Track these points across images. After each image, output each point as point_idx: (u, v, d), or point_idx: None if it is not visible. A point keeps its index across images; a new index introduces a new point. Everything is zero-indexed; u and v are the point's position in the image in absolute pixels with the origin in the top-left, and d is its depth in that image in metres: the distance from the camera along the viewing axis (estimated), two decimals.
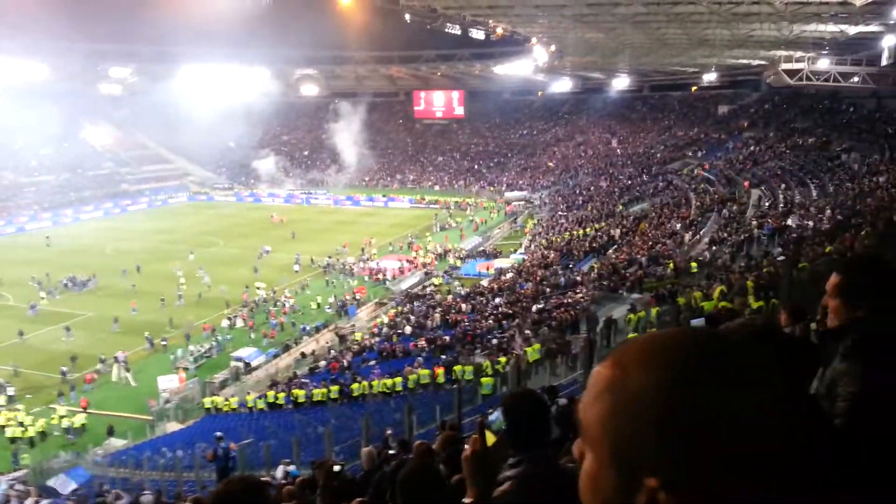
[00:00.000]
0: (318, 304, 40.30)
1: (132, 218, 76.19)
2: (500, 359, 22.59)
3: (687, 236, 34.77)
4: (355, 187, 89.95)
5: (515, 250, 49.69)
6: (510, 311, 28.33)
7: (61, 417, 26.96)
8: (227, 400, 27.51)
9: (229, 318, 37.92)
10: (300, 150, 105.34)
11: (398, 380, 23.81)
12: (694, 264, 25.39)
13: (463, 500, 2.00)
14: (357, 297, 41.19)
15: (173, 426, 26.90)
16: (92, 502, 18.46)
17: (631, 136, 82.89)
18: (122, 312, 39.09)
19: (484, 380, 21.04)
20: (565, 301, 26.38)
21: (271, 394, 26.30)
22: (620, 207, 51.76)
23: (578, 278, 30.42)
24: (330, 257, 50.49)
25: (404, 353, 27.34)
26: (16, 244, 61.33)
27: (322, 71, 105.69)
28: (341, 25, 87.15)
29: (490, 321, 27.98)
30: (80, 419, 27.01)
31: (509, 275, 37.62)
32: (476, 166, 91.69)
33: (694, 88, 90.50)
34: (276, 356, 32.77)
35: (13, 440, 25.71)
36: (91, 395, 29.42)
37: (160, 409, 27.97)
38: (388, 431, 16.32)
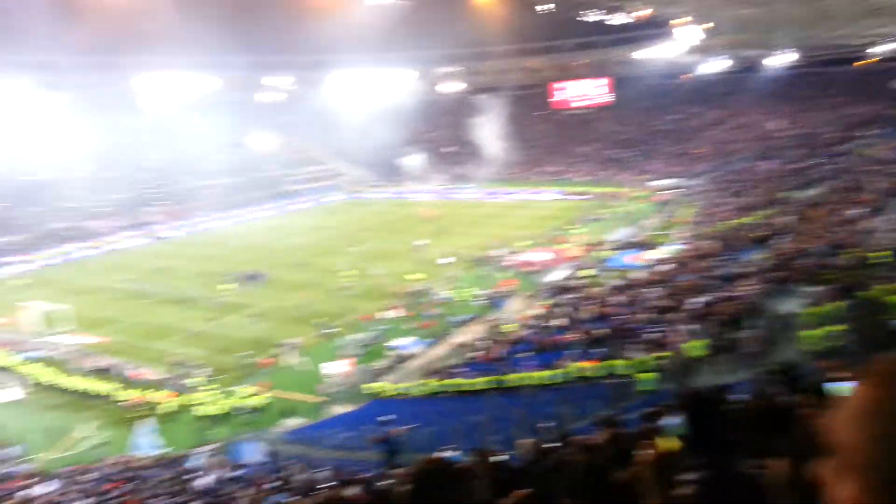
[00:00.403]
0: (470, 296, 41.26)
1: (294, 216, 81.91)
2: (658, 354, 22.00)
3: (866, 223, 31.65)
4: (499, 181, 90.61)
5: (668, 241, 47.78)
6: (668, 305, 27.37)
7: (243, 398, 29.80)
8: (387, 386, 29.00)
9: (388, 309, 39.91)
10: (444, 147, 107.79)
11: (552, 372, 23.90)
12: (885, 253, 23.05)
13: None
14: (506, 290, 41.69)
15: (342, 409, 28.79)
16: (275, 474, 20.29)
17: (794, 116, 76.56)
18: (295, 302, 42.48)
19: (644, 375, 20.58)
20: (729, 294, 25.07)
21: (429, 382, 27.37)
22: (787, 193, 48.05)
23: (743, 270, 28.75)
24: (479, 251, 51.54)
25: (557, 345, 27.32)
26: (194, 242, 68.25)
27: (463, 68, 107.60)
28: (480, 22, 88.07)
29: (646, 314, 27.22)
30: (259, 400, 29.71)
31: (665, 266, 36.30)
32: (622, 155, 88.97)
33: (863, 62, 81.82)
34: (431, 346, 34.01)
35: (202, 418, 28.76)
36: (269, 377, 32.21)
37: (329, 393, 30.06)
38: (545, 424, 16.49)
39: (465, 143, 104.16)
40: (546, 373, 23.95)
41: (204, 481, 20.51)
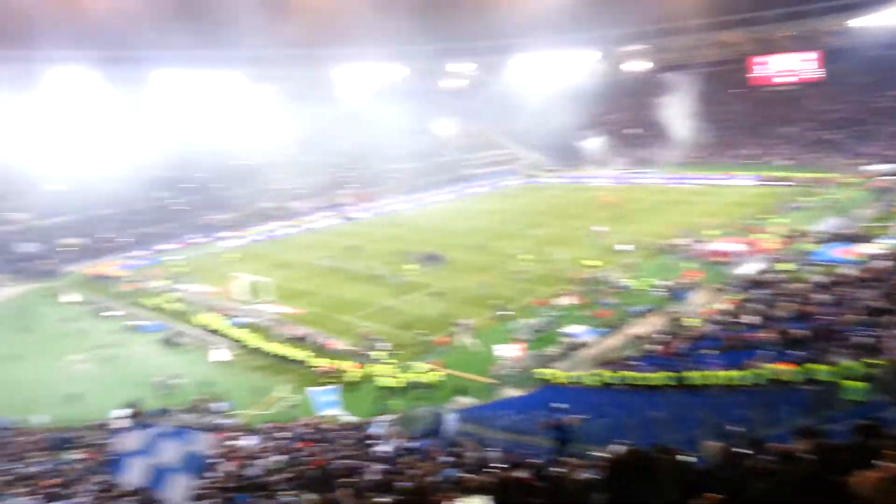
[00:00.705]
0: (649, 286, 39.52)
1: (473, 200, 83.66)
2: (869, 361, 19.41)
3: None
4: (685, 165, 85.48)
5: (886, 234, 42.02)
6: (883, 306, 24.06)
7: (419, 373, 31.11)
8: (559, 374, 28.67)
9: (562, 295, 39.46)
10: (626, 129, 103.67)
11: (741, 373, 22.06)
12: None
13: None
14: (690, 281, 39.34)
15: (513, 392, 29.00)
16: (446, 449, 20.87)
17: None
18: (470, 284, 43.55)
19: (853, 383, 18.29)
20: None
21: (603, 372, 26.59)
22: None
23: None
24: (661, 239, 49.18)
25: (748, 344, 25.18)
26: (380, 223, 72.25)
27: (650, 45, 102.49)
28: None
29: (856, 316, 24.15)
30: (434, 377, 30.84)
31: (881, 263, 31.97)
32: (832, 137, 79.65)
33: None
34: (606, 336, 33.09)
35: (382, 389, 30.41)
36: (443, 356, 33.32)
37: (500, 375, 30.41)
38: (733, 428, 15.30)
39: (650, 125, 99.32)
40: (734, 373, 22.14)
41: (383, 448, 21.70)
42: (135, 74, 76.18)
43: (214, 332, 39.03)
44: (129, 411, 28.41)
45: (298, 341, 36.43)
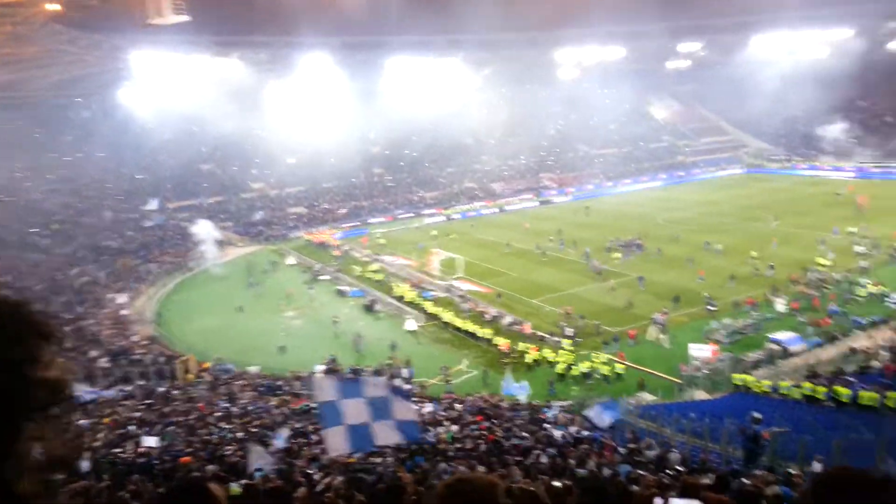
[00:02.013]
0: (884, 295, 34.42)
1: (686, 189, 78.77)
2: None
3: None
4: None
5: None
6: None
7: (602, 364, 30.18)
8: (759, 381, 26.13)
9: (775, 297, 35.93)
10: (879, 117, 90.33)
11: None
12: None
13: None
14: None
15: (701, 395, 27.06)
16: (622, 443, 20.07)
17: None
18: (669, 277, 41.32)
19: None
20: None
21: (809, 385, 23.72)
22: None
23: None
24: None
25: None
26: (581, 208, 70.68)
27: None
28: None
29: None
30: (617, 368, 29.74)
31: None
32: None
33: None
34: (818, 346, 29.46)
35: (561, 374, 29.99)
36: (630, 349, 31.98)
37: (690, 376, 28.48)
38: None
39: None
40: None
41: (555, 433, 21.47)
42: (370, 60, 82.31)
43: (408, 302, 41.24)
44: (327, 366, 31.31)
45: (484, 319, 37.21)
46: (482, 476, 2.10)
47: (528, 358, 31.55)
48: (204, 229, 54.57)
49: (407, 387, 29.15)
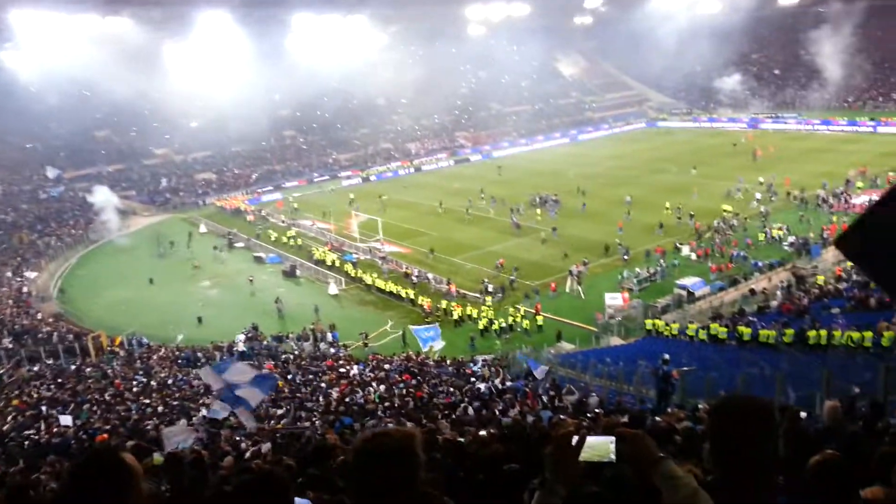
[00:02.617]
0: (780, 239, 36.87)
1: (594, 144, 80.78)
2: None
3: None
4: (834, 109, 77.80)
5: None
6: None
7: (523, 316, 31.04)
8: (668, 325, 27.66)
9: (681, 245, 37.80)
10: (770, 70, 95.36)
11: (868, 334, 20.27)
12: None
13: None
14: (827, 237, 36.28)
15: (616, 341, 28.39)
16: (544, 388, 20.92)
17: None
18: (583, 230, 42.61)
19: None
20: None
21: (714, 326, 25.35)
22: None
23: None
24: (800, 190, 45.58)
25: (880, 304, 23.01)
26: (494, 166, 71.39)
27: None
28: None
29: None
30: (537, 321, 30.67)
31: None
32: None
33: None
34: (721, 289, 31.40)
35: (484, 329, 30.64)
36: (549, 301, 33.03)
37: (605, 323, 29.79)
38: (856, 390, 14.21)
39: (797, 65, 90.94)
40: (859, 334, 20.40)
41: (481, 386, 22.06)
42: (272, 17, 78.85)
43: (329, 266, 40.83)
44: (249, 334, 30.73)
45: (406, 279, 37.39)
46: (399, 428, 2.11)
47: (455, 315, 32.06)
48: (104, 198, 51.70)
49: (332, 350, 29.16)
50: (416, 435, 2.03)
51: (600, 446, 2.01)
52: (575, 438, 2.01)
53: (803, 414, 6.33)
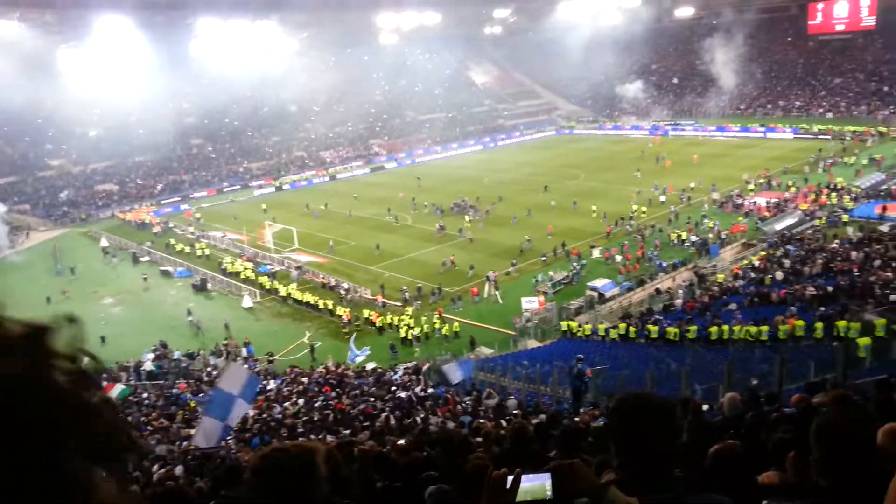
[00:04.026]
0: (682, 240, 38.75)
1: (508, 151, 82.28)
2: None
3: None
4: (728, 116, 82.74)
5: None
6: None
7: (442, 323, 31.22)
8: (581, 326, 28.56)
9: (592, 248, 39.08)
10: (669, 79, 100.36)
11: (764, 328, 21.67)
12: None
13: None
14: (723, 236, 38.50)
15: (533, 343, 29.04)
16: (467, 397, 21.10)
17: None
18: (499, 236, 43.32)
19: (861, 340, 17.80)
20: None
21: (623, 326, 26.41)
22: None
23: None
24: (699, 193, 48.14)
25: (774, 300, 24.67)
26: (410, 173, 71.68)
27: None
28: None
29: (888, 273, 23.38)
30: (456, 327, 30.87)
31: None
32: (886, 88, 75.88)
33: None
34: (630, 290, 32.71)
35: (405, 338, 30.55)
36: (468, 307, 33.39)
37: (522, 327, 30.41)
38: (754, 381, 15.14)
39: (694, 75, 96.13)
40: (756, 328, 21.77)
41: (402, 394, 22.01)
42: (175, 22, 75.96)
43: (242, 278, 39.68)
44: (157, 352, 29.39)
45: (324, 289, 36.85)
46: (299, 443, 2.02)
47: (373, 324, 31.86)
48: None
49: (245, 366, 28.23)
50: (315, 449, 1.97)
51: (535, 489, 1.96)
52: (509, 480, 1.97)
53: (705, 406, 6.70)
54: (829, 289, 23.45)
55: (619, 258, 37.33)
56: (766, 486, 3.61)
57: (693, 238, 38.39)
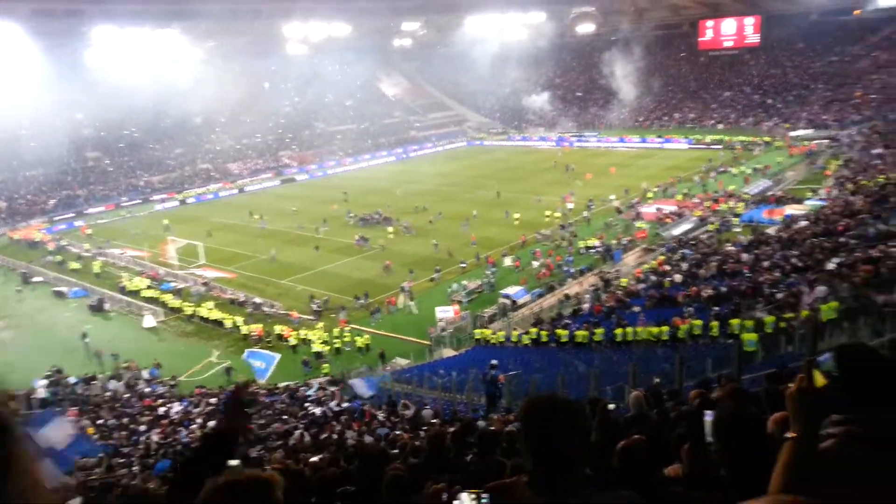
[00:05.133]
0: (587, 247, 40.08)
1: (419, 163, 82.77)
2: (786, 315, 20.22)
3: None
4: (629, 128, 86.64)
5: (811, 196, 43.66)
6: (801, 264, 25.06)
7: (357, 336, 30.89)
8: (495, 333, 28.99)
9: (503, 256, 39.76)
10: (573, 92, 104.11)
11: (665, 328, 22.75)
12: None
13: (785, 434, 1.88)
14: (626, 242, 40.17)
15: (448, 352, 29.20)
16: (383, 409, 20.93)
17: None
18: (413, 247, 43.34)
19: (746, 336, 19.02)
20: (873, 255, 22.44)
21: (535, 331, 26.99)
22: None
23: (893, 229, 25.61)
24: (602, 201, 49.99)
25: (673, 301, 25.95)
26: (326, 185, 70.91)
27: (599, 7, 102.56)
28: None
29: (776, 273, 25.10)
30: (368, 339, 30.59)
31: (802, 223, 33.24)
32: (770, 101, 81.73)
33: None
34: (540, 296, 33.53)
35: (318, 351, 29.97)
36: (383, 318, 33.20)
37: (437, 336, 30.54)
38: (657, 380, 15.79)
39: (595, 89, 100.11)
40: (658, 328, 22.82)
41: (316, 410, 21.59)
42: (71, 30, 71.49)
43: (144, 297, 37.83)
44: (51, 379, 27.47)
45: (233, 306, 35.68)
46: (254, 474, 1.92)
47: (285, 341, 31.09)
48: None
49: (148, 389, 26.83)
50: (269, 480, 1.87)
51: None
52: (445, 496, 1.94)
53: (612, 406, 6.98)
54: (723, 289, 24.91)
55: (536, 264, 38.15)
56: (671, 479, 3.76)
57: (597, 244, 39.83)
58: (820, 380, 1.92)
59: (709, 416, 2.82)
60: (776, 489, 1.77)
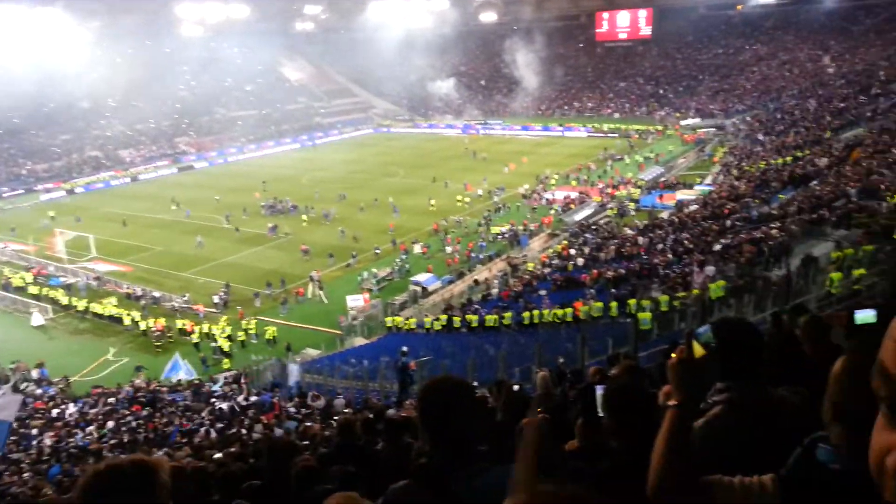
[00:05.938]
0: (494, 233, 40.78)
1: (324, 149, 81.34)
2: (678, 294, 21.51)
3: None
4: (531, 116, 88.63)
5: (699, 181, 46.41)
6: (691, 246, 26.67)
7: (264, 327, 30.14)
8: (406, 320, 29.13)
9: (412, 244, 39.85)
10: (477, 81, 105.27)
11: (569, 310, 23.63)
12: None
13: (668, 402, 1.97)
14: (531, 227, 41.21)
15: (360, 341, 29.09)
16: (292, 401, 20.65)
17: (848, 53, 72.15)
18: (320, 235, 42.64)
19: (641, 315, 20.12)
20: (756, 236, 24.21)
21: (445, 317, 27.33)
22: (829, 133, 45.85)
23: (774, 211, 27.71)
24: (507, 188, 50.92)
25: (576, 284, 26.97)
26: (228, 173, 68.48)
27: None
28: None
29: (669, 255, 26.58)
30: (279, 330, 29.96)
31: (692, 207, 35.33)
32: (662, 91, 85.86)
33: None
34: (450, 282, 33.93)
35: (224, 346, 29.00)
36: (291, 309, 32.59)
37: (348, 325, 30.34)
38: (561, 360, 16.40)
39: (499, 77, 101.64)
40: (562, 310, 23.68)
41: (223, 405, 21.00)
42: None
43: (31, 294, 35.35)
44: None
45: (129, 301, 33.97)
46: (137, 457, 1.90)
47: (187, 335, 29.94)
48: None
49: (38, 391, 25.17)
50: (154, 462, 1.85)
51: None
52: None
53: (516, 387, 7.28)
54: (622, 271, 26.14)
55: (449, 249, 38.46)
56: (568, 453, 3.97)
57: (504, 230, 40.64)
58: (699, 350, 2.03)
59: (600, 391, 3.00)
60: (659, 454, 1.91)
